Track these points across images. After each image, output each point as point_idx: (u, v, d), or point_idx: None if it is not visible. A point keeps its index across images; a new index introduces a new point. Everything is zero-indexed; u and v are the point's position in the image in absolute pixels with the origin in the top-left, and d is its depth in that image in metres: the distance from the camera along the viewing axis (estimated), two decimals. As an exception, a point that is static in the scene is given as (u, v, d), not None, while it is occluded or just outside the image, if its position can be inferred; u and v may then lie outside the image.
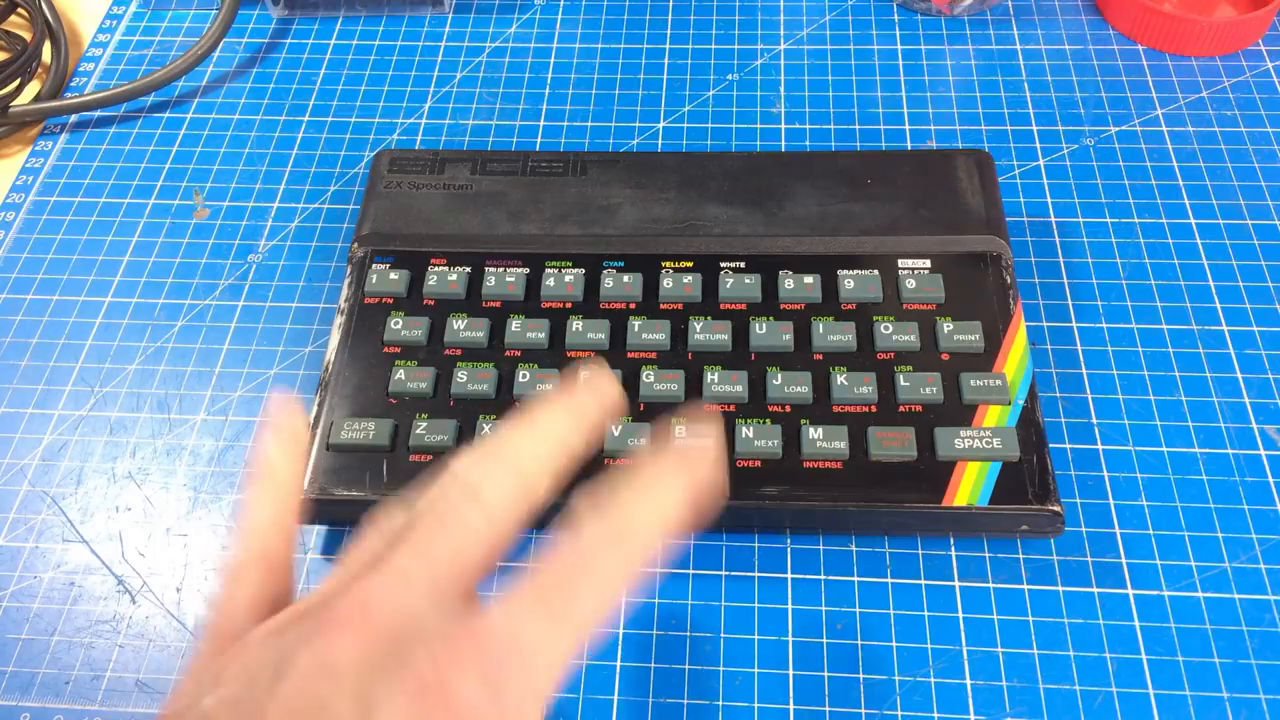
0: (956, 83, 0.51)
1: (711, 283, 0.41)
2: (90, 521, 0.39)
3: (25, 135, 0.52)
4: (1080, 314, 0.43)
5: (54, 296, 0.46)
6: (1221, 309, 0.43)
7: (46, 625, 0.37)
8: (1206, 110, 0.49)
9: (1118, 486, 0.38)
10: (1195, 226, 0.45)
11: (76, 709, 0.35)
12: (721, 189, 0.44)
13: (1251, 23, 0.51)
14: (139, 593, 0.38)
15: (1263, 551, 0.37)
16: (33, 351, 0.44)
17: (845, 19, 0.55)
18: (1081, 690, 0.34)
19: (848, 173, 0.44)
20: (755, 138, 0.50)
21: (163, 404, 0.42)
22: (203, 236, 0.47)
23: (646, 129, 0.50)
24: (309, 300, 0.45)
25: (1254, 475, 0.38)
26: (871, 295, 0.40)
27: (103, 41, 0.56)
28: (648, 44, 0.54)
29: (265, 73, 0.54)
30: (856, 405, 0.38)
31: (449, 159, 0.45)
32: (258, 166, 0.50)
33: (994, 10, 0.54)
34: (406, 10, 0.56)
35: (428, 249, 0.42)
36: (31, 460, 0.41)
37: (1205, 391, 0.40)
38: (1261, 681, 0.34)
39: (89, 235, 0.48)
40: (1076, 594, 0.36)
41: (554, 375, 0.39)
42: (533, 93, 0.52)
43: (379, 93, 0.53)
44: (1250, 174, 0.47)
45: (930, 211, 0.43)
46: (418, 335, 0.40)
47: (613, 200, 0.44)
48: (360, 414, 0.38)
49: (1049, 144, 0.49)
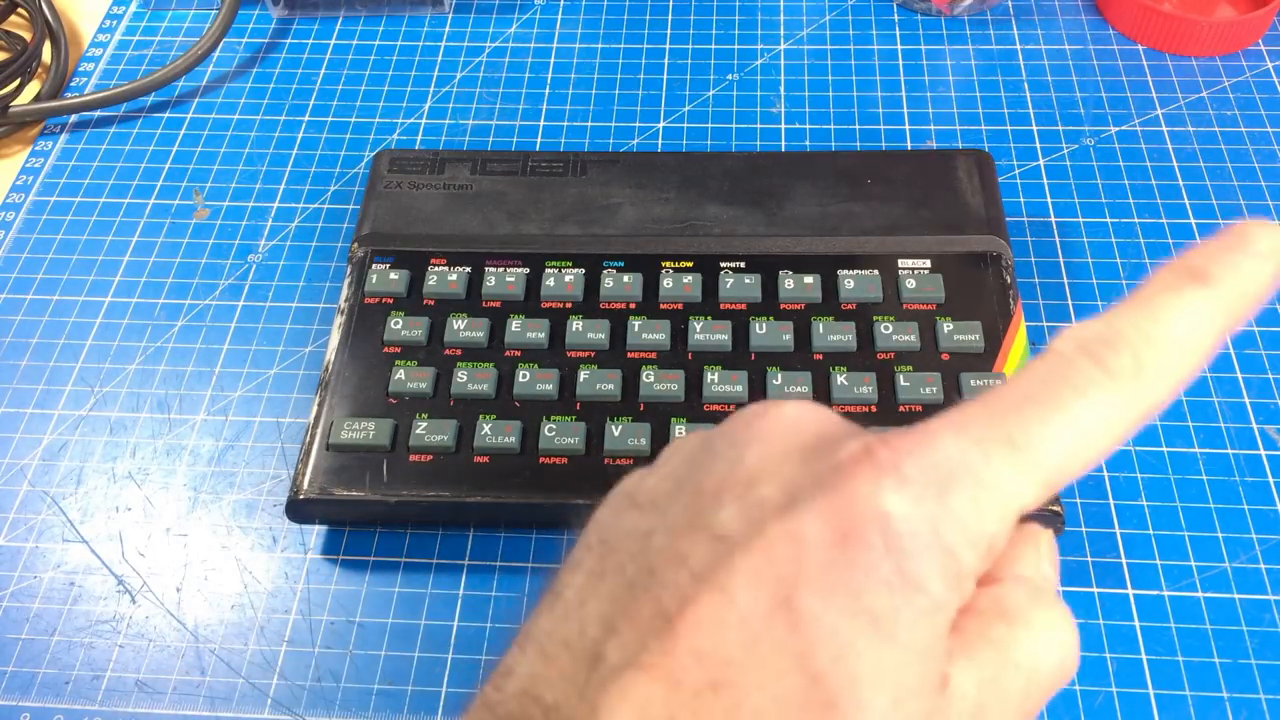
0: (956, 83, 0.51)
1: (711, 283, 0.41)
2: (90, 521, 0.39)
3: (25, 135, 0.52)
4: (1080, 314, 0.43)
5: (54, 296, 0.46)
6: (1221, 309, 0.43)
7: (46, 625, 0.37)
8: (1206, 110, 0.49)
9: (1118, 486, 0.38)
10: (1195, 226, 0.45)
11: (76, 709, 0.35)
12: (721, 189, 0.44)
13: (1251, 23, 0.51)
14: (139, 593, 0.38)
15: (1263, 551, 0.37)
16: (33, 351, 0.44)
17: (845, 19, 0.55)
18: (1081, 690, 0.34)
19: (848, 173, 0.44)
20: (755, 138, 0.50)
21: (163, 404, 0.42)
22: (203, 236, 0.47)
23: (646, 129, 0.50)
24: (309, 300, 0.45)
25: (1254, 475, 0.38)
26: (871, 295, 0.40)
27: (103, 41, 0.56)
28: (648, 44, 0.54)
29: (265, 73, 0.54)
30: (856, 405, 0.38)
31: (449, 159, 0.45)
32: (258, 166, 0.50)
33: (994, 10, 0.54)
34: (406, 10, 0.56)
35: (428, 249, 0.42)
36: (31, 460, 0.41)
37: (1205, 391, 0.40)
38: (1261, 681, 0.34)
39: (89, 235, 0.48)
40: (1076, 594, 0.36)
41: (554, 375, 0.39)
42: (533, 93, 0.52)
43: (379, 93, 0.53)
44: (1250, 174, 0.47)
45: (930, 211, 0.42)
46: (418, 335, 0.40)
47: (613, 200, 0.44)
48: (360, 414, 0.38)
49: (1049, 144, 0.49)
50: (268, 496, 0.40)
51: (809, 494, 0.17)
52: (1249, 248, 0.19)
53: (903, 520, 0.17)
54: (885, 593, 0.16)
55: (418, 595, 0.37)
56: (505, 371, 0.39)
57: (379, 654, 0.36)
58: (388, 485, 0.37)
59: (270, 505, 0.39)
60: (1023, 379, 0.18)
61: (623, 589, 0.18)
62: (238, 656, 0.36)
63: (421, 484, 0.37)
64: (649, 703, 0.16)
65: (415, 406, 0.38)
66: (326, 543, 0.38)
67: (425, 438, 0.37)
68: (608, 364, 0.39)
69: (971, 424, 0.18)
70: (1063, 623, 0.19)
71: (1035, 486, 0.18)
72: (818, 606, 0.16)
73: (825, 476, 0.18)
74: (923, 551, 0.17)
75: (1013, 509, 0.18)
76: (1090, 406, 0.17)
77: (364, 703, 0.35)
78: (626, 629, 0.17)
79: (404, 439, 0.38)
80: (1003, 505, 0.17)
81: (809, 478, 0.18)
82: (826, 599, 0.16)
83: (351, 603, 0.37)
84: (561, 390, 0.39)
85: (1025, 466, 0.17)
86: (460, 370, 0.39)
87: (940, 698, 0.17)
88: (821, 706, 0.16)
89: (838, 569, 0.17)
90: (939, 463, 0.17)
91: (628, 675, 0.16)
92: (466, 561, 0.38)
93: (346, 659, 0.36)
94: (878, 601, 0.16)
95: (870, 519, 0.17)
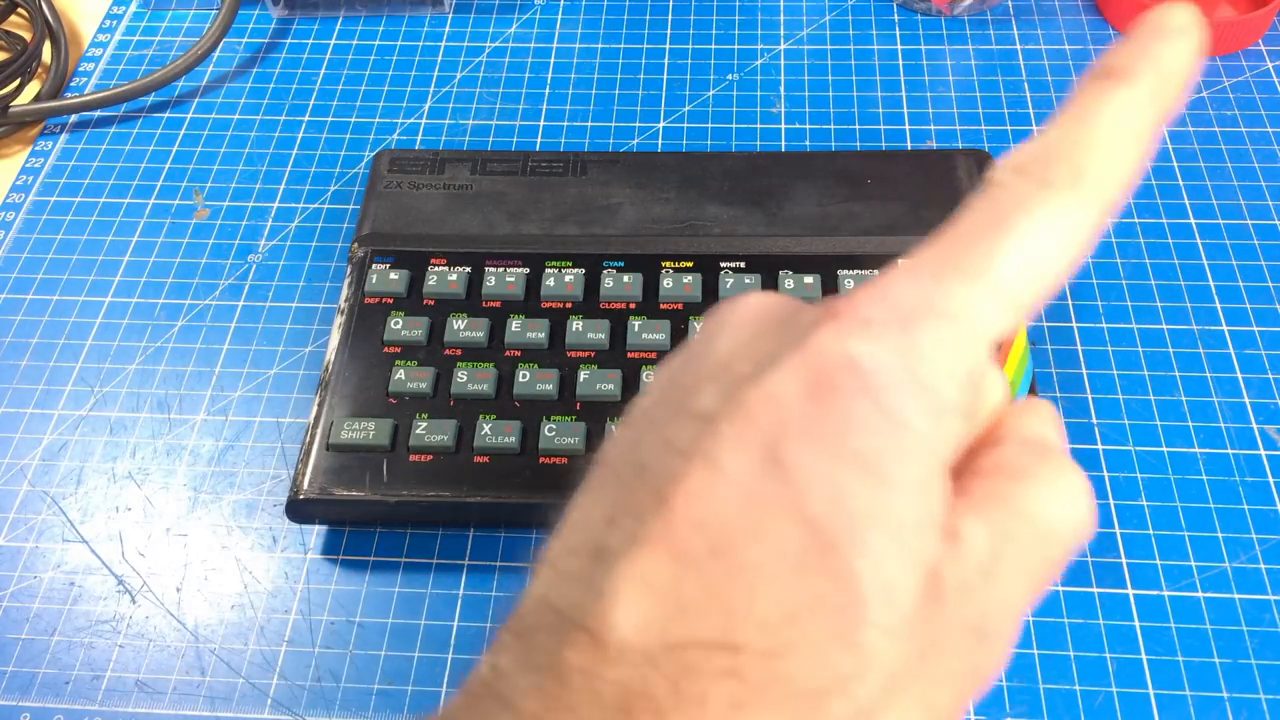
0: (956, 83, 0.51)
1: (711, 283, 0.41)
2: (90, 521, 0.39)
3: (25, 135, 0.52)
4: (1080, 314, 0.43)
5: (54, 296, 0.46)
6: (1221, 309, 0.43)
7: (46, 625, 0.37)
8: (1206, 110, 0.49)
9: (1118, 486, 0.38)
10: (1195, 226, 0.45)
11: (76, 709, 0.35)
12: (721, 189, 0.44)
13: (1251, 23, 0.51)
14: (139, 593, 0.38)
15: (1263, 551, 0.37)
16: (33, 351, 0.44)
17: (845, 19, 0.55)
18: (1081, 690, 0.34)
19: (848, 173, 0.44)
20: (755, 138, 0.50)
21: (163, 404, 0.42)
22: (203, 236, 0.47)
23: (646, 129, 0.50)
24: (309, 300, 0.45)
25: (1254, 475, 0.38)
26: (871, 295, 0.40)
27: (103, 41, 0.56)
28: (648, 44, 0.54)
29: (265, 73, 0.54)
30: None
31: (449, 159, 0.45)
32: (258, 166, 0.50)
33: (994, 10, 0.54)
34: (406, 10, 0.56)
35: (428, 249, 0.42)
36: (31, 460, 0.41)
37: (1205, 391, 0.40)
38: (1261, 681, 0.34)
39: (89, 235, 0.48)
40: (1076, 594, 0.36)
41: (554, 375, 0.39)
42: (533, 93, 0.52)
43: (379, 93, 0.53)
44: (1250, 174, 0.47)
45: (930, 211, 0.42)
46: (418, 335, 0.40)
47: (613, 200, 0.44)
48: (360, 414, 0.38)
49: (1049, 144, 0.49)
50: (268, 496, 0.40)
51: (779, 357, 0.18)
52: (1161, 31, 0.19)
53: (870, 359, 0.17)
54: (867, 433, 0.17)
55: (418, 595, 0.37)
56: (505, 371, 0.39)
57: (379, 654, 0.36)
58: (388, 485, 0.37)
59: (270, 505, 0.39)
60: (969, 213, 0.18)
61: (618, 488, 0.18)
62: (238, 656, 0.36)
63: (421, 484, 0.37)
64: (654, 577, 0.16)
65: (415, 406, 0.38)
66: (326, 543, 0.38)
67: (425, 438, 0.37)
68: (608, 364, 0.39)
69: (925, 264, 0.18)
70: (1072, 475, 0.19)
71: (1000, 310, 0.18)
72: (804, 457, 0.17)
73: (792, 340, 0.18)
74: (897, 387, 0.17)
75: (982, 337, 0.18)
76: (1037, 221, 0.18)
77: (364, 703, 0.35)
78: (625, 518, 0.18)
79: (404, 439, 0.38)
80: (971, 334, 0.18)
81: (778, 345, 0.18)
82: (811, 448, 0.17)
83: (351, 603, 0.37)
84: (561, 390, 0.39)
85: (985, 292, 0.18)
86: (460, 370, 0.39)
87: (950, 546, 0.17)
88: (821, 550, 0.16)
89: (817, 417, 0.17)
90: (898, 303, 0.18)
91: (629, 555, 0.17)
92: (466, 561, 0.38)
93: (346, 659, 0.36)
94: (862, 442, 0.17)
95: (839, 364, 0.17)
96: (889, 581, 0.16)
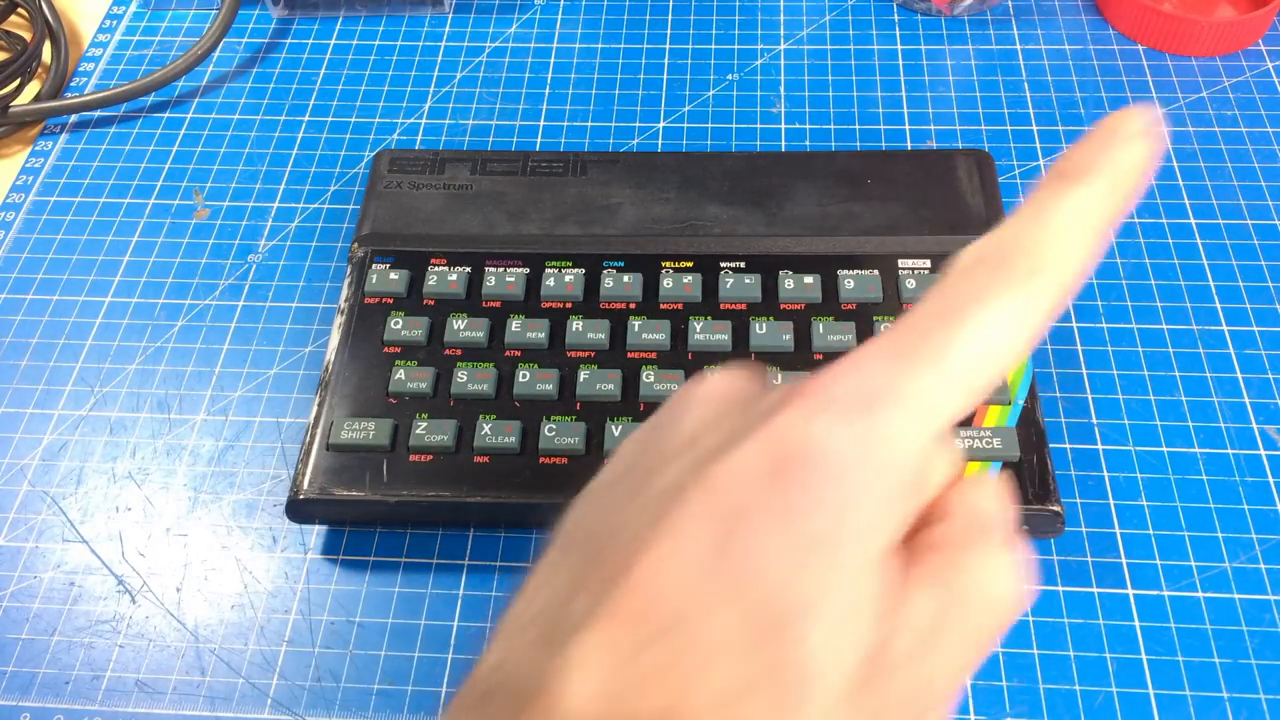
0: (956, 83, 0.51)
1: (711, 283, 0.41)
2: (90, 521, 0.39)
3: (25, 135, 0.52)
4: (1080, 314, 0.43)
5: (54, 296, 0.46)
6: (1221, 309, 0.43)
7: (46, 625, 0.37)
8: (1206, 110, 0.49)
9: (1118, 486, 0.38)
10: (1195, 226, 0.45)
11: (76, 709, 0.35)
12: (721, 189, 0.44)
13: (1251, 23, 0.51)
14: (139, 593, 0.38)
15: (1263, 551, 0.37)
16: (33, 351, 0.44)
17: (845, 19, 0.55)
18: (1081, 690, 0.34)
19: (848, 173, 0.44)
20: (755, 138, 0.50)
21: (163, 404, 0.42)
22: (203, 236, 0.47)
23: (646, 129, 0.50)
24: (309, 300, 0.45)
25: (1254, 475, 0.38)
26: (872, 295, 0.40)
27: (103, 41, 0.56)
28: (648, 44, 0.54)
29: (265, 73, 0.54)
30: (856, 405, 0.38)
31: (449, 159, 0.45)
32: (258, 166, 0.50)
33: (994, 10, 0.54)
34: (406, 10, 0.56)
35: (428, 249, 0.42)
36: (31, 460, 0.41)
37: (1205, 391, 0.40)
38: (1261, 681, 0.34)
39: (89, 235, 0.48)
40: (1076, 594, 0.36)
41: (554, 375, 0.39)
42: (533, 93, 0.52)
43: (379, 93, 0.53)
44: (1250, 174, 0.47)
45: (930, 211, 0.43)
46: (418, 335, 0.40)
47: (613, 200, 0.44)
48: (360, 414, 0.38)
49: (1049, 144, 0.49)
50: (268, 496, 0.40)
51: (744, 434, 0.18)
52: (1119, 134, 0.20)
53: (831, 442, 0.18)
54: (823, 515, 0.17)
55: (418, 595, 0.37)
56: (505, 371, 0.39)
57: (379, 654, 0.36)
58: (388, 485, 0.37)
59: (270, 505, 0.39)
60: (930, 298, 0.19)
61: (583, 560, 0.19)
62: (238, 656, 0.36)
63: (421, 484, 0.37)
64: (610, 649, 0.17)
65: (415, 406, 0.38)
66: (326, 543, 0.38)
67: (425, 438, 0.37)
68: (608, 364, 0.39)
69: (887, 347, 0.19)
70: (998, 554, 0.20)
71: (957, 394, 0.18)
72: (759, 537, 0.17)
73: (758, 418, 0.19)
74: (854, 471, 0.18)
75: (939, 420, 0.18)
76: (993, 311, 0.18)
77: (364, 703, 0.35)
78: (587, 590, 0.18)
79: (404, 439, 0.38)
80: (928, 418, 0.18)
81: (744, 423, 0.19)
82: (767, 528, 0.17)
83: (351, 603, 0.37)
84: (561, 390, 0.39)
85: (943, 377, 0.18)
86: (460, 370, 0.39)
87: (896, 617, 0.18)
88: (769, 630, 0.17)
89: (776, 497, 0.18)
90: (861, 386, 0.18)
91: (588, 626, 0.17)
92: (466, 561, 0.38)
93: (346, 659, 0.36)
94: (817, 525, 0.17)
95: (801, 446, 0.18)
96: (834, 660, 0.17)
